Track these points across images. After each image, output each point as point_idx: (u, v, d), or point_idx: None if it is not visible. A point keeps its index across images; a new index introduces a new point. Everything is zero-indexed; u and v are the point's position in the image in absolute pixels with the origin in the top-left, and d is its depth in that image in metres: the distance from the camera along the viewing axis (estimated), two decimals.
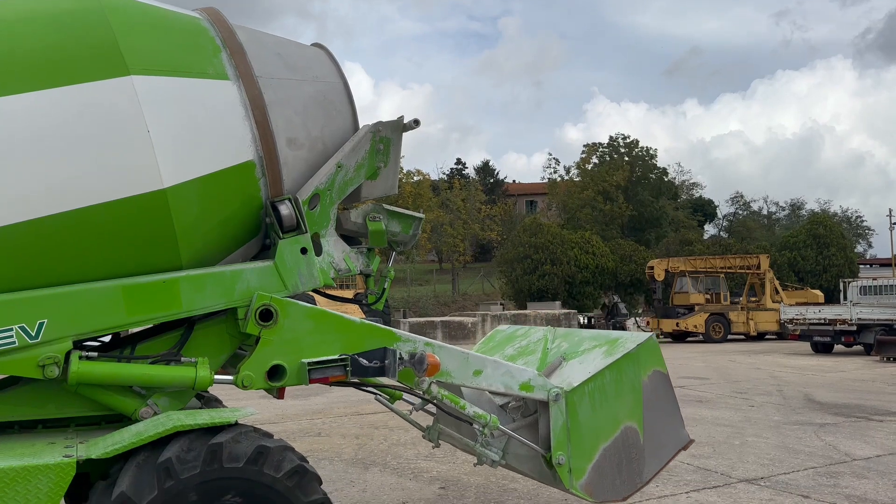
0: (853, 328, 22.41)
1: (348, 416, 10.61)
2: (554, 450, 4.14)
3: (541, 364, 4.89)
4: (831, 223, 47.71)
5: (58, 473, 2.98)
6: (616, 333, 4.76)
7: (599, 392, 4.27)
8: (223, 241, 3.76)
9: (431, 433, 4.67)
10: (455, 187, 53.56)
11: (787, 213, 70.84)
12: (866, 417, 10.31)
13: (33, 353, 3.22)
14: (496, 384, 4.11)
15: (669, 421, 4.58)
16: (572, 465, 4.15)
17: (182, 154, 3.43)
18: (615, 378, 4.33)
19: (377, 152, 4.09)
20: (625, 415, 4.35)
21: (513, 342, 5.47)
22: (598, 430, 4.25)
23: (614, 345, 4.56)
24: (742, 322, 30.67)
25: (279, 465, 3.18)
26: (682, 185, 66.07)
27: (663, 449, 4.54)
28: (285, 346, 3.61)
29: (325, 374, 3.64)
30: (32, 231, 3.20)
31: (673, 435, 4.60)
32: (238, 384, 3.55)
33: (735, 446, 8.25)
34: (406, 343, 3.83)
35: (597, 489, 4.23)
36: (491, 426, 4.08)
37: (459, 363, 4.01)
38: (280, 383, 3.63)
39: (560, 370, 4.67)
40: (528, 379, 4.16)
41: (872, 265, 56.18)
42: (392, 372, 3.69)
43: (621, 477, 4.31)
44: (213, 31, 3.74)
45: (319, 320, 3.69)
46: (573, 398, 4.18)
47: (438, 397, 3.99)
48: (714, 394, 12.96)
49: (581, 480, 4.18)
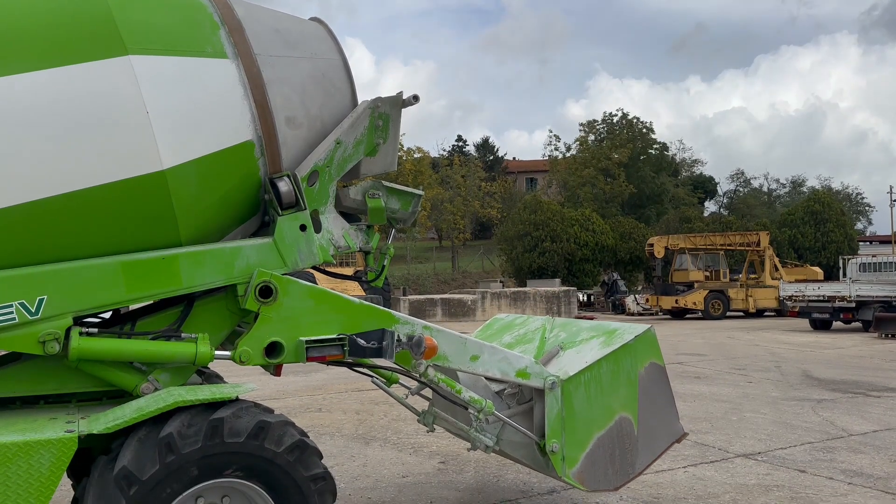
0: (852, 305, 22.49)
1: (349, 391, 10.67)
2: (548, 437, 4.17)
3: (538, 352, 4.91)
4: (829, 200, 47.62)
5: (59, 448, 3.00)
6: (615, 325, 4.78)
7: (595, 382, 4.29)
8: (223, 219, 3.75)
9: (426, 417, 4.70)
10: (455, 164, 53.38)
11: (787, 191, 70.71)
12: (864, 393, 10.38)
13: (34, 329, 3.23)
14: (493, 370, 4.12)
15: (664, 413, 4.61)
16: (566, 453, 4.19)
17: (181, 135, 3.41)
18: (612, 368, 4.36)
19: (376, 128, 4.07)
20: (620, 405, 4.38)
21: (511, 330, 5.50)
22: (592, 419, 4.28)
23: (612, 336, 4.57)
24: (741, 299, 30.75)
25: (280, 440, 3.21)
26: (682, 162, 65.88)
27: (657, 440, 4.57)
28: (284, 323, 3.62)
29: (322, 352, 3.66)
30: (31, 212, 3.19)
31: (667, 427, 4.63)
32: (235, 359, 3.57)
33: (733, 422, 8.32)
34: (404, 325, 3.84)
35: (589, 478, 4.27)
36: (486, 411, 4.11)
37: (457, 347, 4.02)
38: (277, 360, 3.65)
39: (557, 359, 4.69)
40: (524, 366, 4.18)
41: (872, 242, 56.20)
42: (389, 353, 3.71)
43: (614, 467, 4.35)
44: (210, 6, 3.69)
45: (319, 299, 3.70)
46: (569, 387, 4.21)
47: (435, 381, 4.01)
48: (712, 370, 13.03)
49: (574, 469, 4.22)
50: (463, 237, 52.60)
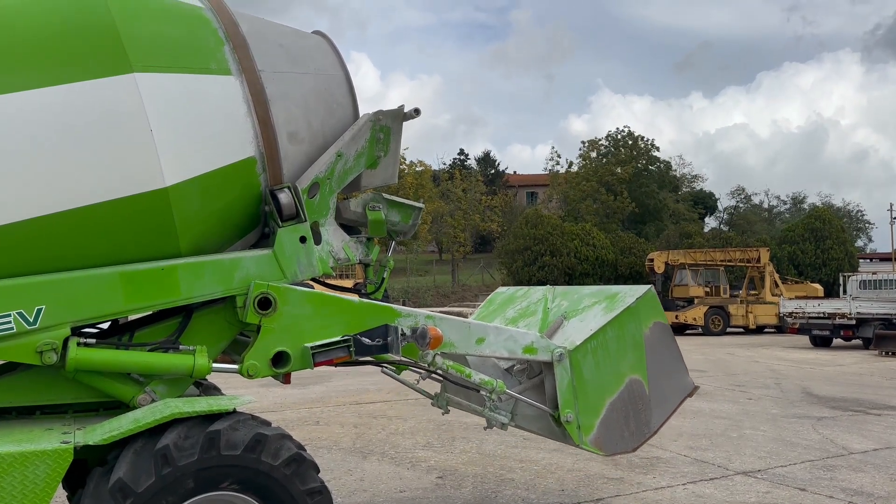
0: (852, 322, 22.41)
1: (347, 405, 10.63)
2: (561, 408, 4.20)
3: (542, 325, 4.92)
4: (830, 216, 47.62)
5: (55, 459, 2.98)
6: (615, 288, 4.79)
7: (602, 348, 4.32)
8: (223, 231, 3.76)
9: (440, 400, 4.73)
10: (456, 178, 53.47)
11: (788, 207, 70.74)
12: (864, 411, 10.34)
13: (31, 339, 3.22)
14: (500, 350, 4.14)
15: (673, 370, 4.64)
16: (580, 421, 4.23)
17: (184, 152, 3.42)
18: (617, 333, 4.38)
19: (377, 141, 4.08)
20: (629, 368, 4.41)
21: (513, 303, 5.49)
22: (603, 385, 4.31)
23: (614, 300, 4.59)
24: (741, 315, 30.67)
25: (277, 453, 3.19)
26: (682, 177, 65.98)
27: (669, 398, 4.60)
28: (287, 332, 3.62)
29: (328, 356, 3.65)
30: (33, 228, 3.19)
31: (678, 383, 4.66)
32: (243, 374, 3.56)
33: (732, 439, 8.27)
34: (407, 318, 3.84)
35: (606, 443, 4.31)
36: (498, 391, 4.13)
37: (462, 333, 4.03)
38: (285, 369, 3.64)
39: (562, 329, 4.70)
40: (530, 342, 4.20)
41: (872, 259, 56.15)
42: (395, 348, 3.70)
43: (629, 429, 4.39)
44: (215, 21, 3.69)
45: (318, 304, 3.69)
46: (577, 356, 4.23)
47: (444, 368, 4.01)
48: (712, 386, 12.98)
49: (590, 436, 4.26)
50: (463, 250, 52.56)
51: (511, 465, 6.98)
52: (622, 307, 4.43)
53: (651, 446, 7.71)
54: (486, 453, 7.44)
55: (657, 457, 7.30)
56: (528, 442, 7.92)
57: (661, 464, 7.04)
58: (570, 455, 7.27)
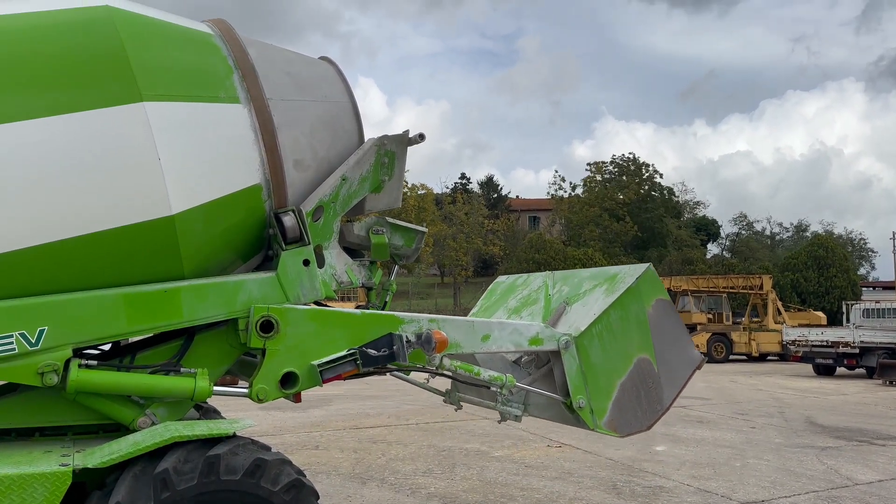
0: (855, 351, 22.27)
1: (347, 429, 10.55)
2: (573, 395, 4.21)
3: (545, 312, 4.92)
4: (833, 244, 47.61)
5: (54, 482, 2.96)
6: (614, 269, 4.79)
7: (607, 331, 4.32)
8: (227, 255, 3.77)
9: (452, 397, 4.74)
10: (458, 201, 53.64)
11: (790, 235, 70.75)
12: (868, 441, 10.23)
13: (33, 360, 3.20)
14: (506, 345, 4.15)
15: (679, 345, 4.64)
16: (593, 406, 4.23)
17: (191, 180, 3.43)
18: (620, 315, 4.38)
19: (382, 165, 4.10)
20: (635, 348, 4.41)
21: (514, 293, 5.48)
22: (611, 368, 4.32)
23: (614, 281, 4.59)
24: (744, 342, 30.52)
25: (276, 479, 3.16)
26: (685, 203, 66.11)
27: (678, 373, 4.60)
28: (292, 352, 3.61)
29: (336, 371, 3.64)
30: (40, 254, 3.20)
31: (685, 358, 4.66)
32: (253, 398, 3.56)
33: (736, 468, 8.19)
34: (410, 324, 3.84)
35: (620, 424, 4.32)
36: (508, 385, 4.13)
37: (466, 332, 4.03)
38: (294, 389, 3.64)
39: (566, 316, 4.69)
40: (535, 333, 4.21)
41: (875, 288, 55.99)
42: (402, 356, 3.70)
43: (642, 407, 4.39)
44: (224, 49, 3.72)
45: (321, 320, 3.69)
46: (583, 342, 4.24)
47: (452, 369, 4.02)
48: (715, 414, 12.88)
49: (604, 419, 4.26)
50: (465, 274, 52.55)
51: (513, 492, 6.90)
52: (623, 288, 4.43)
53: (654, 475, 7.64)
54: (487, 480, 7.36)
55: (660, 486, 7.22)
56: (531, 469, 7.84)
57: (664, 493, 6.96)
58: (572, 483, 7.20)
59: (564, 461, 8.32)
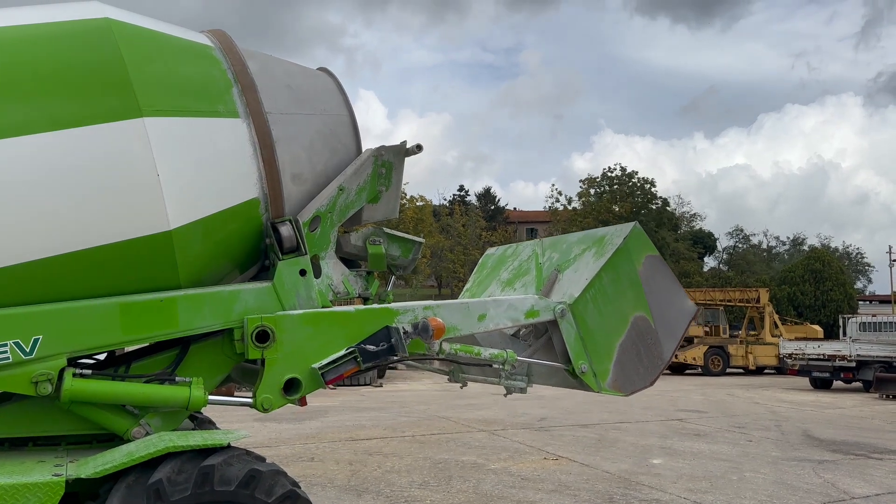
0: (852, 364, 22.27)
1: (342, 441, 10.50)
2: (574, 361, 4.25)
3: (538, 282, 4.93)
4: (829, 258, 47.69)
5: (46, 492, 2.94)
6: (602, 231, 4.81)
7: (601, 295, 4.36)
8: (223, 266, 3.77)
9: (456, 375, 4.75)
10: (456, 213, 53.70)
11: (787, 248, 70.86)
12: (865, 455, 10.21)
13: (27, 369, 3.19)
14: (503, 321, 4.18)
15: (672, 298, 4.68)
16: (595, 369, 4.28)
17: (189, 195, 3.43)
18: (612, 277, 4.41)
19: (379, 176, 4.11)
20: (631, 307, 4.44)
21: (505, 264, 5.50)
22: (609, 330, 4.35)
23: (602, 244, 4.61)
24: (741, 356, 30.50)
25: (271, 490, 3.14)
26: (682, 216, 66.20)
27: (675, 325, 4.63)
28: (292, 358, 3.60)
29: (338, 372, 3.64)
30: (37, 268, 3.20)
31: (679, 310, 4.70)
32: (259, 408, 3.55)
33: (733, 481, 8.16)
34: (405, 314, 3.83)
35: (624, 383, 4.36)
36: (510, 361, 4.16)
37: (462, 315, 4.05)
38: (298, 395, 3.63)
39: (558, 283, 4.71)
40: (531, 306, 4.24)
41: (872, 301, 56.03)
42: (401, 348, 3.70)
43: (643, 364, 4.43)
44: (225, 62, 3.71)
45: (316, 323, 3.67)
46: (578, 308, 4.28)
47: (452, 353, 4.04)
48: (712, 427, 12.85)
49: (607, 381, 4.31)
50: (462, 285, 52.50)
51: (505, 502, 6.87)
52: (612, 250, 4.46)
53: (651, 488, 7.61)
54: (483, 493, 7.32)
55: (657, 499, 7.19)
56: (527, 482, 7.81)
57: None
58: (569, 496, 7.16)
59: (561, 474, 8.28)
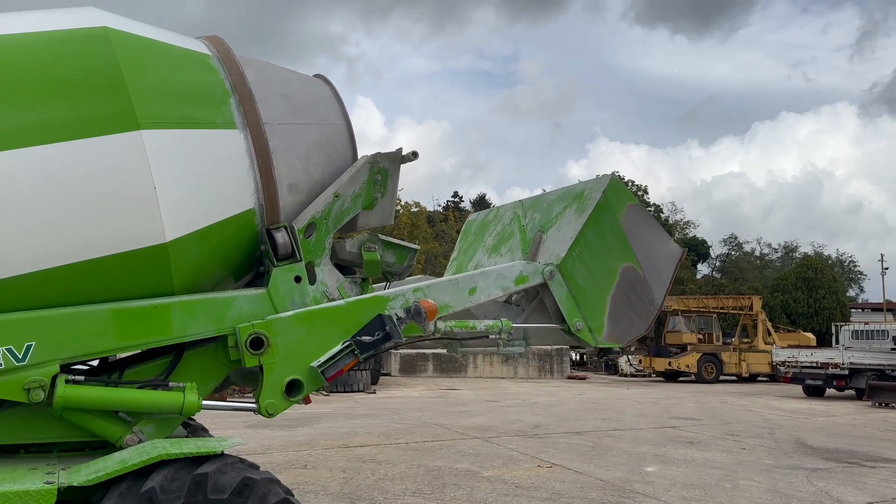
0: (845, 372, 22.35)
1: (335, 448, 10.46)
2: (568, 319, 4.31)
3: (523, 245, 4.97)
4: (822, 266, 47.86)
5: (38, 500, 2.91)
6: (580, 186, 4.85)
7: (587, 251, 4.42)
8: (218, 273, 3.76)
9: (454, 347, 4.78)
10: (450, 219, 53.76)
11: (780, 256, 71.08)
12: (858, 463, 10.23)
13: (19, 375, 3.17)
14: (493, 291, 4.22)
15: (657, 244, 4.73)
16: (590, 325, 4.35)
17: (186, 207, 3.41)
18: (595, 232, 4.46)
19: (375, 183, 4.10)
20: (618, 259, 4.50)
21: (488, 229, 5.53)
22: (599, 284, 4.42)
23: (582, 199, 4.64)
24: (734, 363, 30.57)
25: (264, 498, 3.12)
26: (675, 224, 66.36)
27: (663, 271, 4.69)
28: (289, 361, 3.60)
29: (337, 367, 3.65)
30: (33, 279, 3.18)
31: (666, 254, 4.76)
32: (263, 414, 3.56)
33: (726, 489, 8.16)
34: (396, 300, 3.85)
35: (620, 334, 4.44)
36: (506, 329, 4.21)
37: (453, 291, 4.09)
38: (301, 395, 3.64)
39: (543, 245, 4.75)
40: (519, 272, 4.29)
41: (864, 309, 56.26)
42: (397, 334, 3.71)
43: (637, 313, 4.50)
44: (223, 72, 3.69)
45: (309, 322, 3.67)
46: (566, 267, 4.34)
47: (448, 331, 4.08)
48: (705, 435, 12.86)
49: (603, 335, 4.38)
50: None
51: None
52: (593, 205, 4.50)
53: (645, 496, 7.60)
54: (477, 501, 7.30)
55: None
56: (521, 490, 7.79)
57: None
58: None
59: (555, 482, 8.27)
